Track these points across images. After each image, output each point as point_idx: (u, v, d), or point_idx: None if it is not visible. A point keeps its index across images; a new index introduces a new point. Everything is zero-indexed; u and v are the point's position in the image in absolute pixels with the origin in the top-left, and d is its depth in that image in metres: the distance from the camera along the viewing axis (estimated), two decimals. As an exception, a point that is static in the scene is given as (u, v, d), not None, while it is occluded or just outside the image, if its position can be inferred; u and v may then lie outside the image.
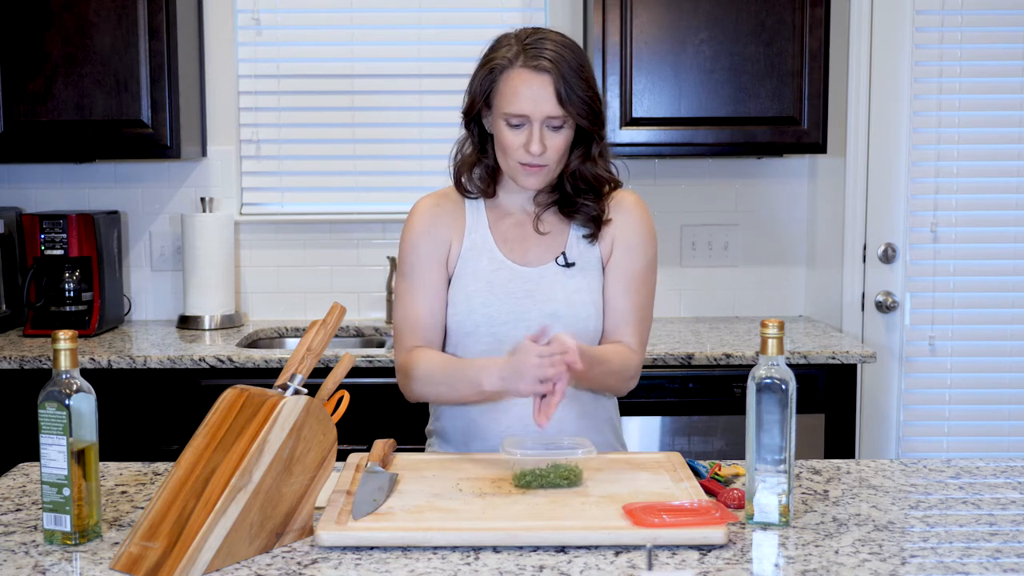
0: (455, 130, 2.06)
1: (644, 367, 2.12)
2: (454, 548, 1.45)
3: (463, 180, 2.00)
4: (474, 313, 1.93)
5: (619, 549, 1.45)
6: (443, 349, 2.00)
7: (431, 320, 1.96)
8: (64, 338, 1.46)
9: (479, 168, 1.98)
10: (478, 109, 1.93)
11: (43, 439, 1.46)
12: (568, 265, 1.96)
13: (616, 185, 1.99)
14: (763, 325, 1.56)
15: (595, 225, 1.97)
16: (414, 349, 1.94)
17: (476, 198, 2.00)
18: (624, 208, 2.00)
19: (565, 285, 1.95)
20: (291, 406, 1.47)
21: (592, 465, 1.75)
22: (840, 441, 2.98)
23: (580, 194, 1.95)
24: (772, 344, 1.56)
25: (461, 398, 1.90)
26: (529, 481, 1.64)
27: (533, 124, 1.86)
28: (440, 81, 3.50)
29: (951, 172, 3.45)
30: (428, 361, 1.90)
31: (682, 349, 2.93)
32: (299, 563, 1.42)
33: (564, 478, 1.64)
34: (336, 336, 3.36)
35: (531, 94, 1.85)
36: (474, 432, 1.96)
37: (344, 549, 1.45)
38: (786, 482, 1.54)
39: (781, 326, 1.56)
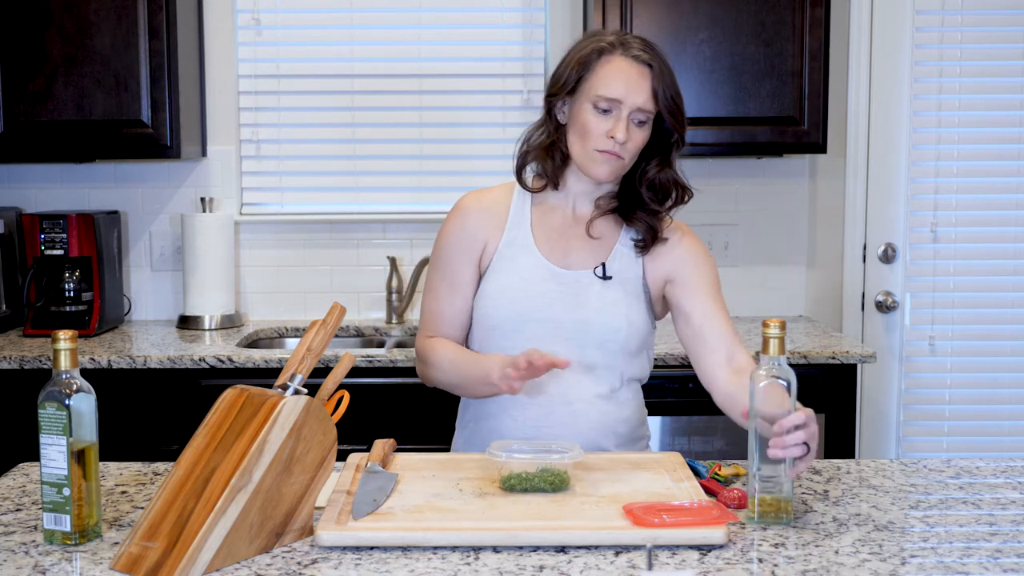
0: (455, 130, 2.07)
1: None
2: (454, 548, 1.45)
3: (526, 168, 1.98)
4: (502, 308, 1.93)
5: (619, 549, 1.45)
6: (469, 342, 2.01)
7: (454, 315, 2.00)
8: (64, 338, 1.46)
9: (551, 154, 1.95)
10: (562, 94, 1.92)
11: (43, 439, 1.46)
12: (606, 277, 1.95)
13: (688, 194, 1.98)
14: (765, 325, 1.55)
15: (652, 235, 1.96)
16: (432, 338, 2.01)
17: (538, 190, 1.98)
18: (681, 243, 1.99)
19: (601, 295, 1.93)
20: (291, 406, 1.47)
21: (592, 465, 1.75)
22: (840, 441, 2.98)
23: (654, 202, 1.95)
24: (774, 344, 1.56)
25: (470, 389, 1.95)
26: (513, 484, 1.63)
27: (622, 111, 1.87)
28: (440, 81, 3.50)
29: (951, 172, 3.45)
30: (443, 350, 1.97)
31: (682, 349, 2.92)
32: (299, 563, 1.42)
33: (549, 482, 1.62)
34: (336, 336, 3.36)
35: (628, 82, 1.87)
36: (494, 435, 1.95)
37: (344, 549, 1.46)
38: (788, 481, 1.54)
39: (783, 326, 1.56)
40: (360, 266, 3.53)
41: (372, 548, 1.46)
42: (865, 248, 3.47)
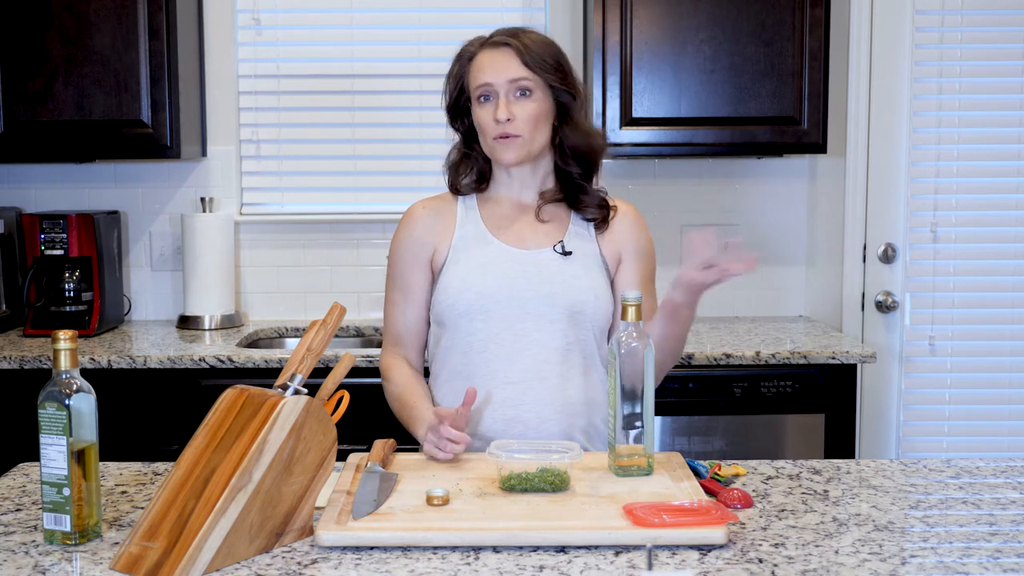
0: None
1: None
2: (454, 548, 1.45)
3: (455, 180, 2.07)
4: (466, 293, 1.96)
5: (619, 549, 1.45)
6: (436, 337, 2.04)
7: (407, 324, 2.06)
8: (64, 338, 1.46)
9: (468, 164, 2.05)
10: (461, 104, 2.03)
11: (43, 439, 1.46)
12: (566, 253, 1.99)
13: (603, 144, 2.04)
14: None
15: (603, 212, 2.02)
16: (394, 356, 2.07)
17: (470, 195, 2.06)
18: (628, 219, 2.06)
19: (563, 270, 1.97)
20: (291, 406, 1.47)
21: (592, 465, 1.75)
22: (840, 441, 2.98)
23: (571, 165, 2.00)
24: (631, 311, 1.70)
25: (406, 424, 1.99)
26: (513, 484, 1.63)
27: (499, 93, 1.94)
28: (440, 81, 3.48)
29: (951, 172, 3.45)
30: (394, 378, 2.03)
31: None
32: (299, 563, 1.42)
33: (549, 482, 1.63)
34: (336, 336, 3.36)
35: (492, 64, 1.96)
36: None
37: (344, 549, 1.46)
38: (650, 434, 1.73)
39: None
40: (360, 266, 3.53)
41: (372, 548, 1.46)
42: (865, 248, 3.47)
